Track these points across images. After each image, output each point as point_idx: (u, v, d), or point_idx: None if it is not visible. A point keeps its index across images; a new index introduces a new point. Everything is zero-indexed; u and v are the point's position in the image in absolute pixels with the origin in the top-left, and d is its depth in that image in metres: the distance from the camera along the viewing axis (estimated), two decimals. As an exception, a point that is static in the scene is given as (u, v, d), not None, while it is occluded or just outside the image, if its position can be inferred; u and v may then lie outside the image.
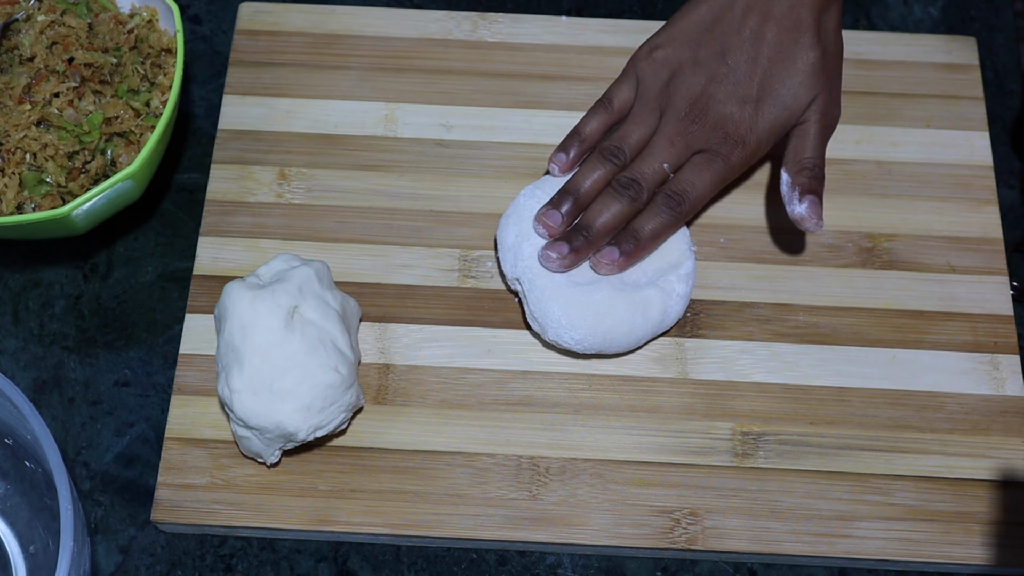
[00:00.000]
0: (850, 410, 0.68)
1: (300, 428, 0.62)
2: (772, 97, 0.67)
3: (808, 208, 0.66)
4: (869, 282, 0.72)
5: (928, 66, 0.79)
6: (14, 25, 0.71)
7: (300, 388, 0.62)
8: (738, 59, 0.67)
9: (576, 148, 0.70)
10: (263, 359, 0.62)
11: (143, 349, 0.71)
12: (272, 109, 0.76)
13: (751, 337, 0.70)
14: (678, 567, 0.66)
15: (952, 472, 0.67)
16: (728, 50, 0.67)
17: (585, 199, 0.68)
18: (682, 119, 0.67)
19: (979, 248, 0.73)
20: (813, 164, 0.67)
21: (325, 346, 0.63)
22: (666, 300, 0.67)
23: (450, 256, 0.72)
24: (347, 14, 0.80)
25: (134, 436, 0.69)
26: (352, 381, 0.63)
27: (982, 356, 0.70)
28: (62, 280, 0.73)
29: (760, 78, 0.67)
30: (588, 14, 0.83)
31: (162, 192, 0.76)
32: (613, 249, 0.67)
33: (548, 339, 0.67)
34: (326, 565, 0.65)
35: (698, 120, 0.67)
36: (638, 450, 0.67)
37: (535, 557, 0.66)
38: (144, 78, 0.71)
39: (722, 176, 0.67)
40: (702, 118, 0.67)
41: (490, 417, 0.67)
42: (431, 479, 0.66)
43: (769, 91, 0.67)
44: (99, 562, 0.65)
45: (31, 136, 0.67)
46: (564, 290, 0.67)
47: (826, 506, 0.66)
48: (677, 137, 0.67)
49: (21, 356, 0.70)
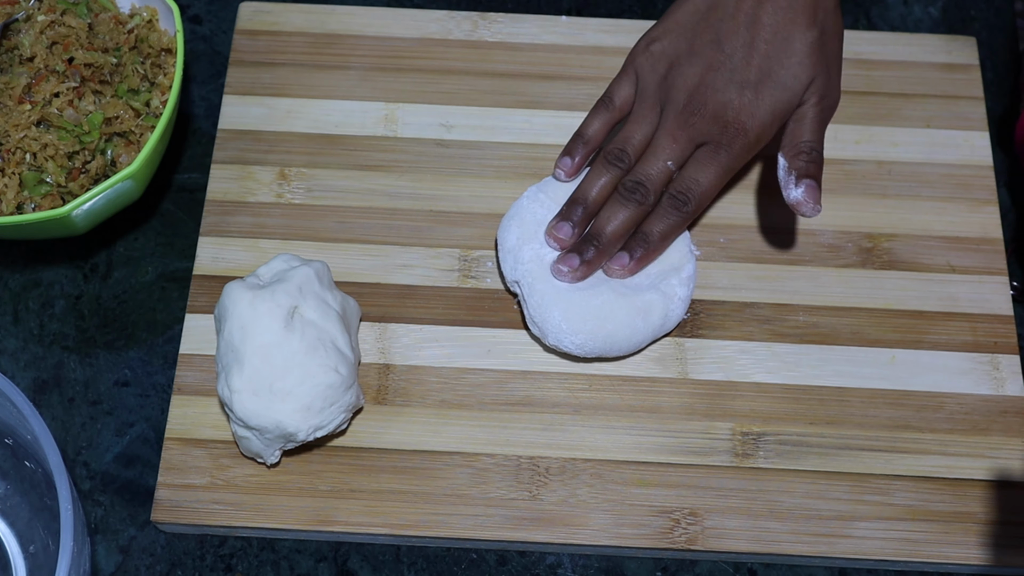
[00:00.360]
0: (850, 410, 0.68)
1: (300, 428, 0.62)
2: (771, 80, 0.66)
3: (805, 192, 0.66)
4: (869, 282, 0.72)
5: (928, 66, 0.79)
6: (14, 25, 0.71)
7: (300, 388, 0.62)
8: (735, 45, 0.66)
9: (580, 151, 0.69)
10: (263, 359, 0.62)
11: (143, 349, 0.71)
12: (272, 109, 0.76)
13: (751, 337, 0.70)
14: (678, 567, 0.66)
15: (952, 472, 0.67)
16: (724, 37, 0.66)
17: (593, 207, 0.68)
18: (681, 111, 0.67)
19: (979, 248, 0.73)
20: (810, 148, 0.66)
21: (325, 346, 0.63)
22: (667, 304, 0.67)
23: (450, 256, 0.72)
24: (347, 14, 0.80)
25: (134, 436, 0.69)
26: (352, 381, 0.63)
27: (982, 356, 0.70)
28: (62, 280, 0.73)
29: (758, 62, 0.66)
30: (588, 14, 0.83)
31: (162, 192, 0.76)
32: (624, 255, 0.67)
33: (548, 344, 0.67)
34: (326, 565, 0.66)
35: (698, 111, 0.66)
36: (638, 450, 0.67)
37: (535, 557, 0.66)
38: (144, 78, 0.71)
39: (727, 167, 0.67)
40: (701, 108, 0.66)
41: (490, 417, 0.67)
42: (431, 479, 0.66)
43: (768, 74, 0.66)
44: (99, 562, 0.65)
45: (31, 136, 0.67)
46: (564, 294, 0.66)
47: (826, 506, 0.66)
48: (679, 132, 0.67)
49: (21, 356, 0.70)
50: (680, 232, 0.68)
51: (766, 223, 0.74)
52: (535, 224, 0.69)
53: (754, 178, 0.75)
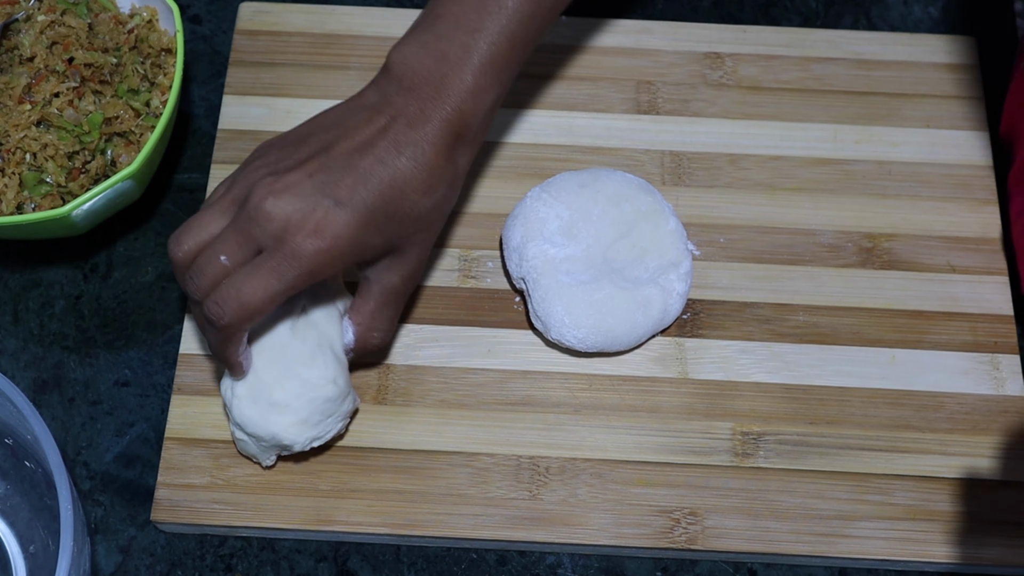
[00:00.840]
0: (850, 410, 0.68)
1: (296, 441, 0.62)
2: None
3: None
4: (869, 282, 0.72)
5: (928, 66, 0.79)
6: (14, 25, 0.71)
7: (298, 402, 0.61)
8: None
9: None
10: (266, 364, 0.62)
11: (143, 349, 0.71)
12: (272, 109, 0.76)
13: (751, 337, 0.70)
14: (678, 567, 0.66)
15: (952, 472, 0.67)
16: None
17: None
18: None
19: (979, 248, 0.73)
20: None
21: (324, 354, 0.62)
22: (666, 298, 0.68)
23: (450, 256, 0.72)
24: (347, 14, 0.80)
25: (134, 436, 0.69)
26: (348, 390, 0.63)
27: (982, 356, 0.70)
28: (62, 280, 0.73)
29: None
30: (588, 14, 0.83)
31: (162, 192, 0.76)
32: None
33: (551, 338, 0.68)
34: (326, 565, 0.65)
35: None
36: (638, 450, 0.67)
37: (535, 557, 0.66)
38: (144, 78, 0.71)
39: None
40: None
41: (490, 417, 0.67)
42: (431, 479, 0.66)
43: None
44: (99, 562, 0.65)
45: (31, 136, 0.67)
46: (567, 289, 0.67)
47: (826, 506, 0.66)
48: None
49: (21, 356, 0.70)
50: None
51: (766, 223, 0.74)
52: (538, 222, 0.69)
53: (755, 178, 0.75)
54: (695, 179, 0.75)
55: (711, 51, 0.79)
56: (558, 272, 0.67)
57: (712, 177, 0.75)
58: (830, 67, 0.78)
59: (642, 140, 0.76)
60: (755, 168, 0.75)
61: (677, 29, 0.80)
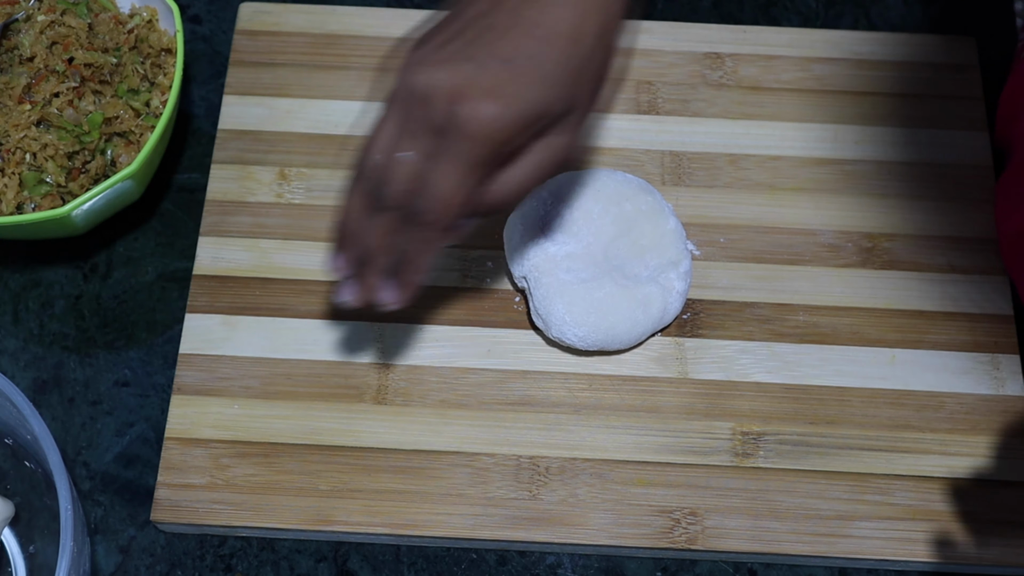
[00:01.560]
0: (850, 410, 0.68)
1: None
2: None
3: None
4: (869, 282, 0.72)
5: (928, 66, 0.79)
6: (14, 25, 0.71)
7: None
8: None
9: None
10: None
11: (143, 349, 0.71)
12: (272, 109, 0.76)
13: (751, 337, 0.70)
14: (678, 567, 0.66)
15: (952, 472, 0.67)
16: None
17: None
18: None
19: (979, 248, 0.73)
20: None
21: None
22: (666, 297, 0.68)
23: (450, 256, 0.72)
24: (347, 14, 0.80)
25: (134, 436, 0.69)
26: None
27: (982, 356, 0.70)
28: (62, 280, 0.73)
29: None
30: (588, 14, 0.83)
31: (162, 192, 0.76)
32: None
33: (552, 336, 0.68)
34: (326, 565, 0.65)
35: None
36: (638, 450, 0.67)
37: (535, 557, 0.66)
38: (144, 78, 0.71)
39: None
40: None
41: (490, 417, 0.67)
42: (431, 479, 0.66)
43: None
44: (99, 562, 0.65)
45: (31, 136, 0.67)
46: (568, 287, 0.67)
47: (826, 506, 0.66)
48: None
49: (21, 356, 0.70)
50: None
51: (766, 223, 0.74)
52: (539, 221, 0.69)
53: (755, 179, 0.75)
54: (695, 179, 0.75)
55: (711, 51, 0.79)
56: (559, 270, 0.68)
57: (712, 177, 0.75)
58: (830, 67, 0.78)
59: (642, 140, 0.76)
60: (755, 168, 0.75)
61: (677, 29, 0.80)
